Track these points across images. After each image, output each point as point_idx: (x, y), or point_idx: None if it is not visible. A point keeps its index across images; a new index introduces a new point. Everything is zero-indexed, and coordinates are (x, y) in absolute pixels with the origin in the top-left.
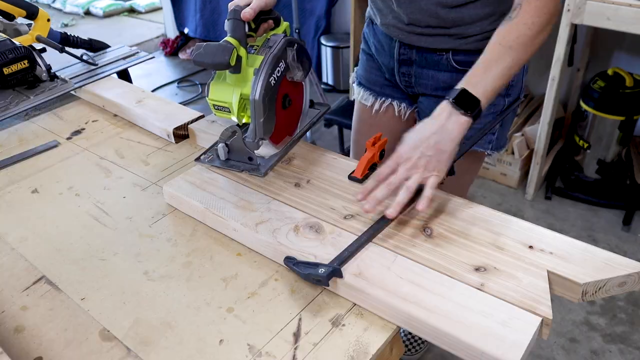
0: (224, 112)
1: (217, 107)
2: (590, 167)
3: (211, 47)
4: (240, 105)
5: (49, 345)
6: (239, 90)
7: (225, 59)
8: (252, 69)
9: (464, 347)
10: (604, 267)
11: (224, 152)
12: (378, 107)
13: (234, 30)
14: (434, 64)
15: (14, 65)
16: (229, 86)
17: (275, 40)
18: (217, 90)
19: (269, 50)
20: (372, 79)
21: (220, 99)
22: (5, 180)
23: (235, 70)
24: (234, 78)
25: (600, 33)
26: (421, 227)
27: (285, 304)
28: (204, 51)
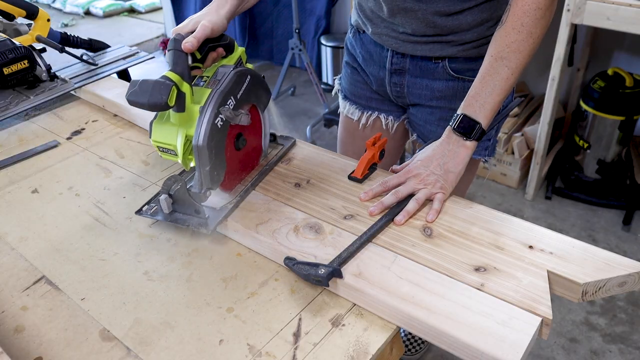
0: (170, 154)
1: (162, 149)
2: (590, 167)
3: (147, 85)
4: (186, 147)
5: (49, 345)
6: (184, 131)
7: (162, 99)
8: (197, 106)
9: (464, 347)
10: (604, 267)
11: (167, 204)
12: (365, 121)
13: (174, 63)
14: (429, 73)
15: (14, 65)
16: (172, 126)
17: (224, 73)
18: (160, 131)
19: (216, 85)
20: (357, 92)
21: (164, 140)
22: (5, 180)
23: (178, 109)
24: (178, 117)
25: (600, 33)
26: (421, 227)
27: (285, 304)
28: (138, 89)
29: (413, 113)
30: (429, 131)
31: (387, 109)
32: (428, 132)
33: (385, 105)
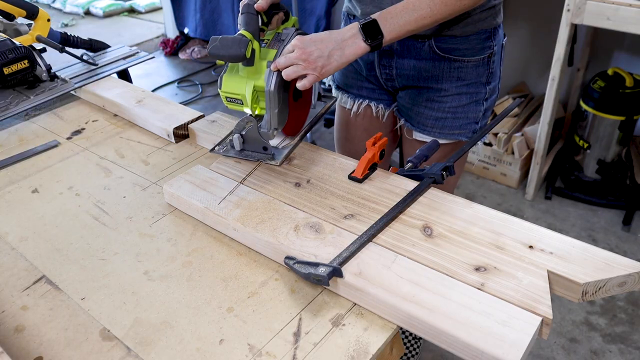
0: (237, 104)
1: (230, 99)
2: (590, 167)
3: (227, 40)
4: (253, 97)
5: (49, 345)
6: (252, 83)
7: (241, 51)
8: (265, 61)
9: (464, 347)
10: (604, 267)
11: (239, 142)
12: (356, 109)
13: (247, 24)
14: (416, 53)
15: (14, 65)
16: (242, 78)
17: (288, 34)
18: (230, 83)
19: (281, 44)
20: (348, 82)
21: (234, 90)
22: (5, 180)
23: (248, 63)
24: (246, 71)
25: (600, 33)
26: (421, 226)
27: (285, 304)
28: (219, 44)
29: (402, 96)
30: (416, 113)
31: (378, 97)
32: (415, 113)
33: (376, 94)
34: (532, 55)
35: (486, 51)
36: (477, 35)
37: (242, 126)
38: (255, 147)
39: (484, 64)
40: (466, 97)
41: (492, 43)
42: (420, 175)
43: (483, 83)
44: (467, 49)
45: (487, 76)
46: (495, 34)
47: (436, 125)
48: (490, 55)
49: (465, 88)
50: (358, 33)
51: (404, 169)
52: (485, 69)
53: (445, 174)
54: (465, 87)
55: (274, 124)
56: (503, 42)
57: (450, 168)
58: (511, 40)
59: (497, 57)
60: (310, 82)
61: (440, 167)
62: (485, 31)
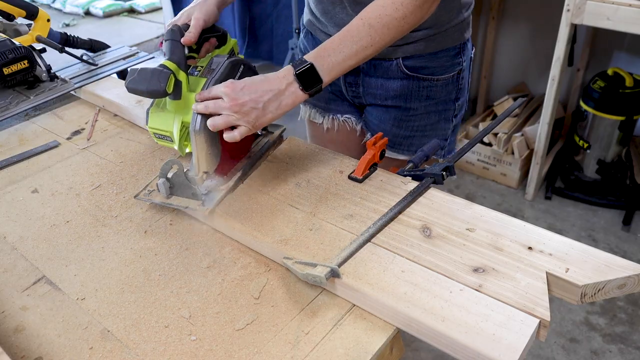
0: (166, 140)
1: (158, 135)
2: (590, 167)
3: (146, 73)
4: (182, 134)
5: (49, 345)
6: (180, 118)
7: (161, 86)
8: (193, 94)
9: (461, 348)
10: (603, 268)
11: (165, 187)
12: (329, 125)
13: (172, 53)
14: (383, 72)
15: (14, 65)
16: (169, 113)
17: (219, 62)
18: (157, 118)
19: (212, 73)
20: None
21: (160, 127)
22: (5, 180)
23: (175, 97)
24: (174, 105)
25: (600, 33)
26: (420, 227)
27: (285, 304)
28: (137, 77)
29: (369, 112)
30: (384, 130)
31: (346, 110)
32: (384, 131)
33: (345, 107)
34: (532, 55)
35: (455, 68)
36: (446, 52)
37: (166, 170)
38: (183, 192)
39: (453, 81)
40: (435, 115)
41: (461, 59)
42: (420, 175)
43: (452, 100)
44: (435, 67)
45: (455, 92)
46: (464, 49)
47: (404, 143)
48: (459, 72)
49: (434, 106)
50: (294, 82)
51: (404, 169)
52: (454, 86)
53: (445, 174)
54: (434, 105)
55: (202, 167)
56: (471, 55)
57: (451, 168)
58: (511, 40)
59: (466, 72)
60: (241, 135)
61: (441, 167)
62: (454, 48)
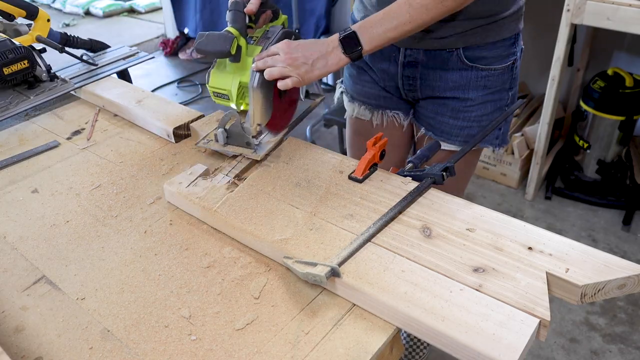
0: (224, 99)
1: (217, 94)
2: (590, 167)
3: (213, 36)
4: (239, 92)
5: (49, 345)
6: (238, 78)
7: (226, 47)
8: (251, 58)
9: (461, 348)
10: (603, 269)
11: (223, 136)
12: (379, 121)
13: (234, 21)
14: (443, 63)
15: (14, 65)
16: (228, 74)
17: (274, 32)
18: (217, 78)
19: (267, 42)
20: (366, 92)
21: (220, 86)
22: (5, 180)
23: (235, 59)
24: (233, 66)
25: (600, 33)
26: (420, 227)
27: (285, 304)
28: (206, 40)
29: (423, 106)
30: (440, 122)
31: (396, 106)
32: (439, 123)
33: (394, 103)
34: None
35: (511, 58)
36: (503, 42)
37: (225, 121)
38: (238, 141)
39: (508, 71)
40: (491, 105)
41: (516, 49)
42: (420, 175)
43: (506, 89)
44: (493, 57)
45: (510, 82)
46: (518, 39)
47: (461, 135)
48: (514, 62)
49: (490, 96)
50: (338, 45)
51: (405, 169)
52: (509, 75)
53: (445, 174)
54: (491, 95)
55: (256, 120)
56: (523, 46)
57: (451, 168)
58: None
59: (519, 62)
60: (293, 84)
61: (441, 167)
62: (510, 38)
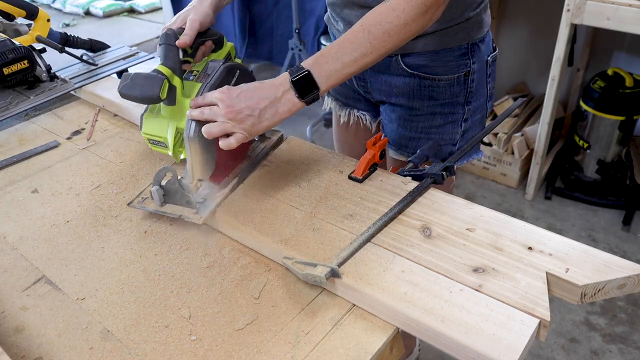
0: (160, 147)
1: (152, 141)
2: (590, 167)
3: (139, 78)
4: (176, 140)
5: (49, 345)
6: (175, 124)
7: (154, 92)
8: (188, 99)
9: (460, 348)
10: (603, 269)
11: (159, 195)
12: (345, 119)
13: (166, 57)
14: (386, 68)
15: (14, 65)
16: (163, 119)
17: (214, 67)
18: (151, 124)
19: (206, 80)
20: (337, 88)
21: (155, 133)
22: (5, 180)
23: (169, 102)
24: (169, 110)
25: (600, 33)
26: (420, 227)
27: (285, 304)
28: (131, 83)
29: (382, 110)
30: (391, 130)
31: (364, 107)
32: (390, 130)
33: (362, 104)
34: (532, 55)
35: (462, 69)
36: (450, 52)
37: (160, 177)
38: (177, 199)
39: (459, 83)
40: (440, 118)
41: (468, 61)
42: (420, 175)
43: (461, 103)
44: (438, 67)
45: (465, 95)
46: (474, 50)
47: (409, 145)
48: (467, 74)
49: (439, 108)
50: (291, 89)
51: (405, 169)
52: (461, 87)
53: (445, 174)
54: (439, 107)
55: (197, 175)
56: (489, 58)
57: (451, 168)
58: (511, 40)
59: (478, 75)
60: (238, 142)
61: (441, 167)
62: (458, 48)
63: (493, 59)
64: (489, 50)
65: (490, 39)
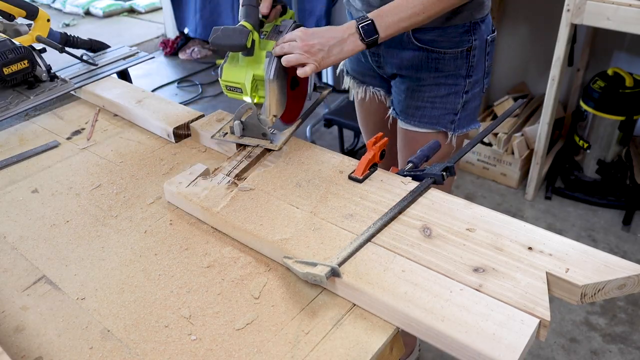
0: (236, 92)
1: (230, 87)
2: (590, 167)
3: (229, 30)
4: (252, 85)
5: (49, 345)
6: (252, 72)
7: (242, 41)
8: (264, 52)
9: (461, 348)
10: (603, 269)
11: (239, 129)
12: (362, 95)
13: (248, 16)
14: (398, 43)
15: (14, 65)
16: (242, 68)
17: (286, 26)
18: (231, 72)
19: (279, 35)
20: (355, 67)
21: (234, 79)
22: (5, 180)
23: (248, 53)
24: (246, 60)
25: (600, 33)
26: (420, 227)
27: (285, 304)
28: (222, 33)
29: (392, 84)
30: (399, 101)
31: (378, 83)
32: (398, 102)
33: (376, 80)
34: (532, 55)
35: (464, 44)
36: (455, 28)
37: (242, 113)
38: (254, 133)
39: (462, 57)
40: (444, 88)
41: (471, 37)
42: (420, 175)
43: (462, 76)
44: (443, 41)
45: (466, 69)
46: (475, 29)
47: (415, 114)
48: (469, 49)
49: (443, 79)
50: (356, 32)
51: (405, 169)
52: (464, 61)
53: (445, 174)
54: (444, 78)
55: (272, 111)
56: (488, 37)
57: (451, 168)
58: (511, 40)
59: (478, 51)
60: (311, 70)
61: (441, 167)
62: (463, 25)
63: (492, 39)
64: (488, 31)
65: (490, 21)
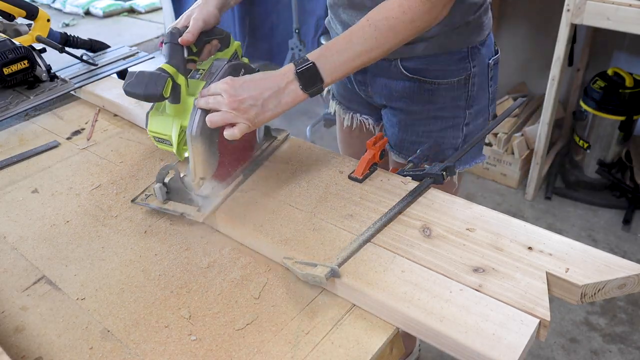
0: (166, 144)
1: (158, 139)
2: (590, 167)
3: (143, 76)
4: (180, 138)
5: (49, 345)
6: (179, 122)
7: (157, 90)
8: (192, 98)
9: (460, 348)
10: (603, 268)
11: (162, 192)
12: (349, 122)
13: (170, 56)
14: (385, 71)
15: (14, 65)
16: (168, 117)
17: (219, 66)
18: (156, 122)
19: (210, 78)
20: (341, 92)
21: (160, 131)
22: (5, 180)
23: (174, 100)
24: (173, 108)
25: (600, 33)
26: (420, 227)
27: (285, 304)
28: (135, 80)
29: (383, 114)
30: (392, 134)
31: (367, 111)
32: (391, 134)
33: (365, 108)
34: (532, 55)
35: (461, 73)
36: (449, 56)
37: (163, 174)
38: (180, 197)
39: (460, 87)
40: (441, 122)
41: (469, 64)
42: (420, 175)
43: (462, 107)
44: (436, 71)
45: (466, 99)
46: (474, 54)
47: (411, 149)
48: (467, 77)
49: (439, 112)
50: (295, 80)
51: (405, 169)
52: (462, 91)
53: (445, 174)
54: (439, 110)
55: (198, 173)
56: (490, 61)
57: (451, 168)
58: (511, 40)
59: (479, 78)
60: (241, 132)
61: (441, 167)
62: (458, 52)
63: (495, 62)
64: (490, 53)
65: (492, 41)
